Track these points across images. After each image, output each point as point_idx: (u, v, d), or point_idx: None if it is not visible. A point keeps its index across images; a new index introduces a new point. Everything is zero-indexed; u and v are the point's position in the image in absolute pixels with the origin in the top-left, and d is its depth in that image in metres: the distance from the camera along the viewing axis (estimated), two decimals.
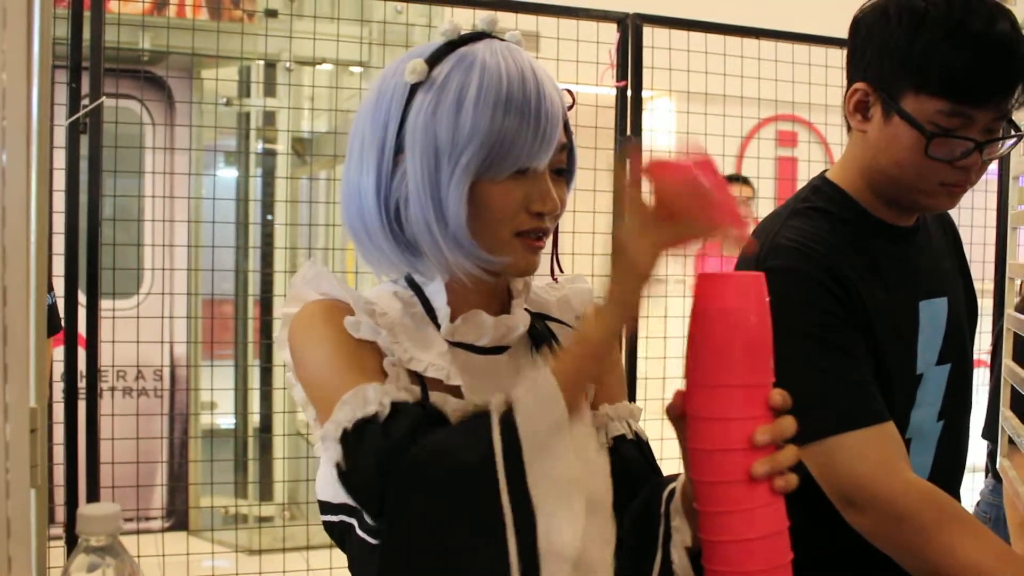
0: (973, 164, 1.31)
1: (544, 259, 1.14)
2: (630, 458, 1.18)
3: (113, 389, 4.49)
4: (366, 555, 1.04)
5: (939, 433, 1.47)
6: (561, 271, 1.23)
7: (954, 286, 1.53)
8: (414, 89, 1.05)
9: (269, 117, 5.04)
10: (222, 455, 4.49)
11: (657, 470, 1.21)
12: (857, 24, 1.41)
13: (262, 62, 4.78)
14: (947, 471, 1.50)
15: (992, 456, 2.32)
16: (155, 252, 3.83)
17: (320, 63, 4.49)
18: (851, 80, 1.40)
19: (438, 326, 1.11)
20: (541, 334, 1.18)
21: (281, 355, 1.11)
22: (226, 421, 4.99)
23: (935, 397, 1.46)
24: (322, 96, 4.70)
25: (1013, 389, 1.89)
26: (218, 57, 4.13)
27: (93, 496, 2.62)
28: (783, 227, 1.41)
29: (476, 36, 1.09)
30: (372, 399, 0.97)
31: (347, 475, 0.96)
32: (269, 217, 4.90)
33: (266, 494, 4.79)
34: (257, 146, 5.11)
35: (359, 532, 1.06)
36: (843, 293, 1.32)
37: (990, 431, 2.24)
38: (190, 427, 4.84)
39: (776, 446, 0.93)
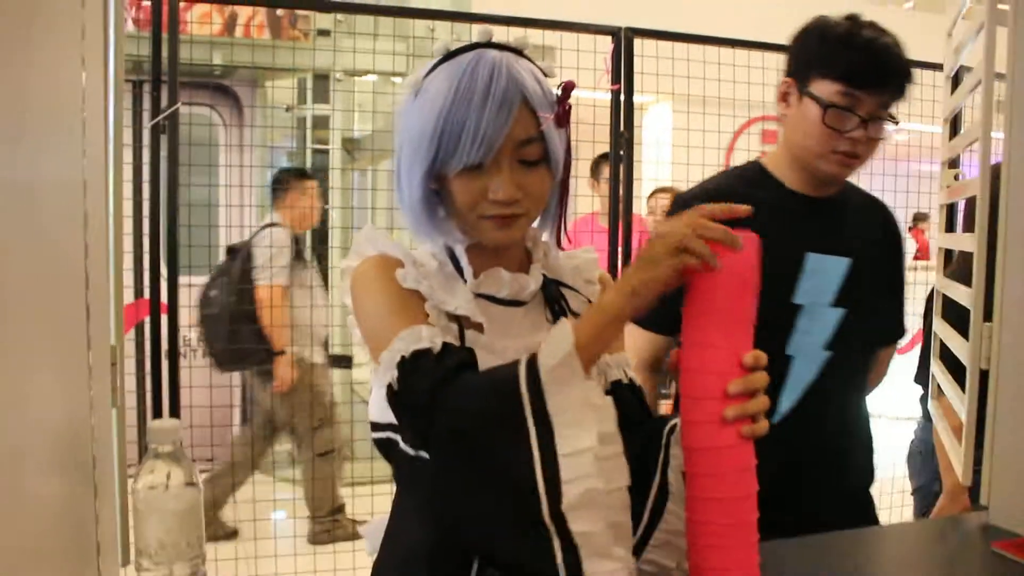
0: (860, 138, 1.53)
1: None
2: (626, 401, 1.21)
3: (193, 351, 4.56)
4: (407, 463, 1.08)
5: (825, 358, 1.60)
6: (569, 241, 1.23)
7: (869, 258, 1.65)
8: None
9: (322, 120, 5.08)
10: None
11: (649, 412, 1.24)
12: (792, 43, 1.64)
13: (315, 74, 4.84)
14: (834, 390, 1.63)
15: (923, 399, 2.35)
16: (229, 232, 3.92)
17: (365, 74, 4.54)
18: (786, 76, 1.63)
19: (466, 281, 1.15)
20: (553, 295, 1.21)
21: (344, 300, 1.14)
22: None
23: (822, 329, 1.60)
24: (367, 102, 4.76)
25: (942, 343, 1.93)
26: (277, 69, 4.18)
27: None
28: (706, 181, 1.72)
29: (468, 48, 1.09)
30: (426, 336, 1.02)
31: (400, 395, 1.00)
32: (326, 207, 4.96)
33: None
34: (312, 144, 5.17)
35: (402, 445, 1.09)
36: None
37: (922, 376, 2.27)
38: None
39: (749, 396, 0.96)
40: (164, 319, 2.72)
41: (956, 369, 1.72)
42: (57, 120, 0.88)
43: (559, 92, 1.10)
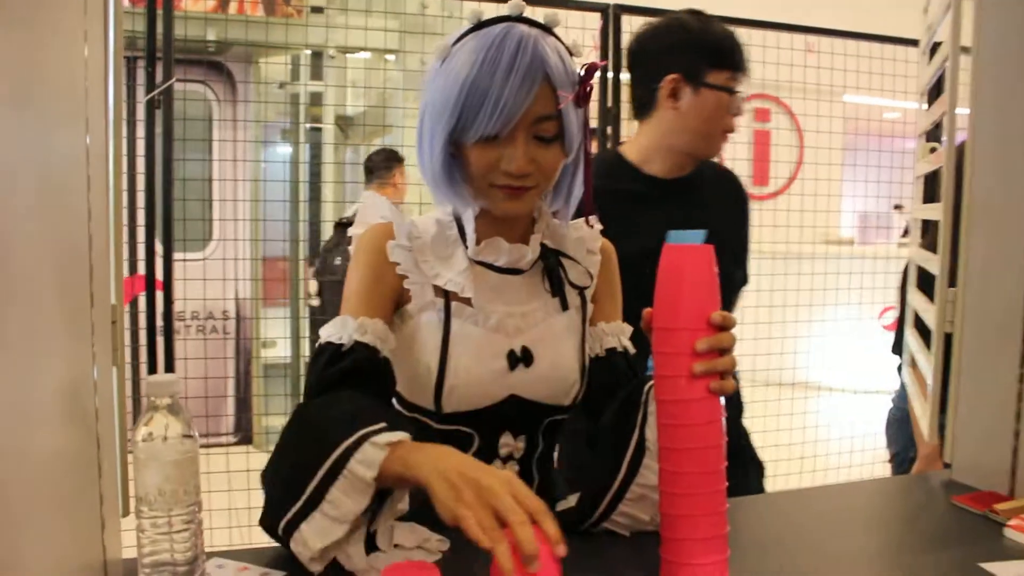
0: (740, 114, 1.76)
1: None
2: (619, 366, 1.29)
3: (188, 327, 4.61)
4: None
5: None
6: (594, 214, 1.28)
7: (723, 226, 1.80)
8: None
9: (316, 97, 5.11)
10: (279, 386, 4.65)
11: (638, 374, 1.30)
12: (644, 48, 1.79)
13: (309, 51, 4.85)
14: None
15: (900, 369, 2.41)
16: (223, 206, 3.95)
17: (358, 51, 4.57)
18: (654, 79, 1.74)
19: (467, 247, 1.21)
20: (551, 264, 1.25)
21: None
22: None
23: None
24: (360, 79, 4.77)
25: (916, 311, 1.99)
26: (271, 46, 4.20)
27: None
28: None
29: (499, 20, 1.11)
30: (347, 329, 1.13)
31: (306, 376, 1.16)
32: (316, 182, 5.02)
33: None
34: (306, 121, 5.21)
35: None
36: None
37: (897, 347, 2.33)
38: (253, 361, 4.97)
39: (718, 353, 1.00)
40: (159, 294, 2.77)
41: (928, 336, 1.78)
42: (63, 91, 0.93)
43: (583, 72, 1.14)
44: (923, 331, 1.87)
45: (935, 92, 2.21)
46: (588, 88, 1.13)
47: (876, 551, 1.25)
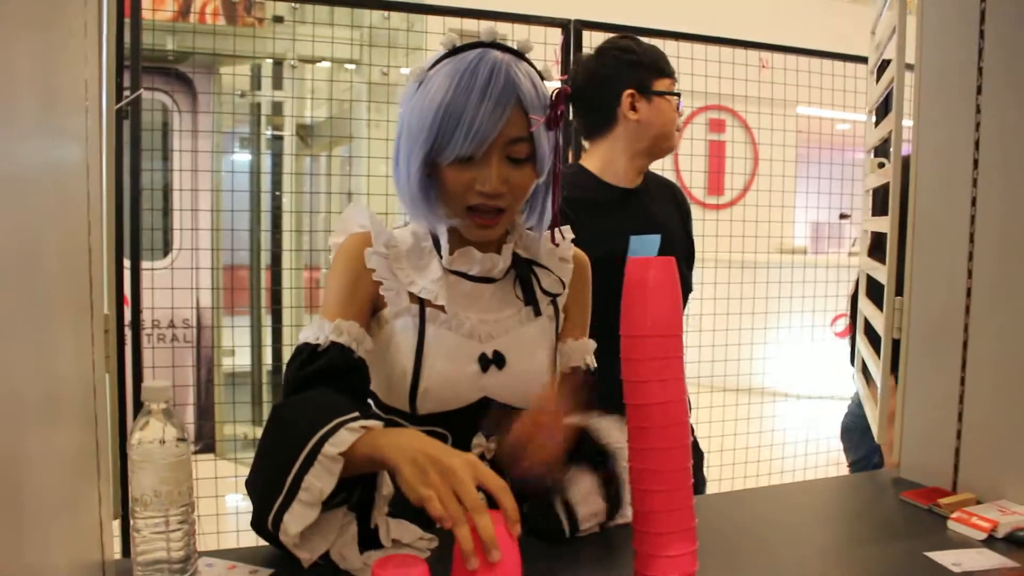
0: (682, 113, 2.02)
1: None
2: (584, 384, 1.33)
3: (151, 336, 4.57)
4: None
5: None
6: (563, 236, 1.34)
7: (672, 232, 2.03)
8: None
9: (277, 107, 5.10)
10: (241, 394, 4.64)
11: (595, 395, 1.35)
12: (595, 75, 1.98)
13: (271, 60, 4.85)
14: None
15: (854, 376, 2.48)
16: (183, 216, 3.95)
17: (319, 61, 4.57)
18: (612, 99, 1.95)
19: (441, 257, 1.26)
20: (523, 273, 1.30)
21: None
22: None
23: None
24: (321, 89, 4.78)
25: (866, 319, 2.09)
26: (233, 56, 4.20)
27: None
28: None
29: (473, 45, 1.16)
30: (324, 330, 1.18)
31: (283, 375, 1.20)
32: (277, 193, 5.01)
33: None
34: (267, 130, 5.21)
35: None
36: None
37: (853, 357, 2.41)
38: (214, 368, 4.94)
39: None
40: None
41: (878, 342, 1.87)
42: (68, 107, 0.98)
43: (553, 96, 1.19)
44: (873, 336, 1.96)
45: (883, 109, 2.33)
46: (559, 112, 1.18)
47: (830, 544, 1.33)
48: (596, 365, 1.39)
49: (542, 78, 1.21)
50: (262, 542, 1.11)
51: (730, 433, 3.70)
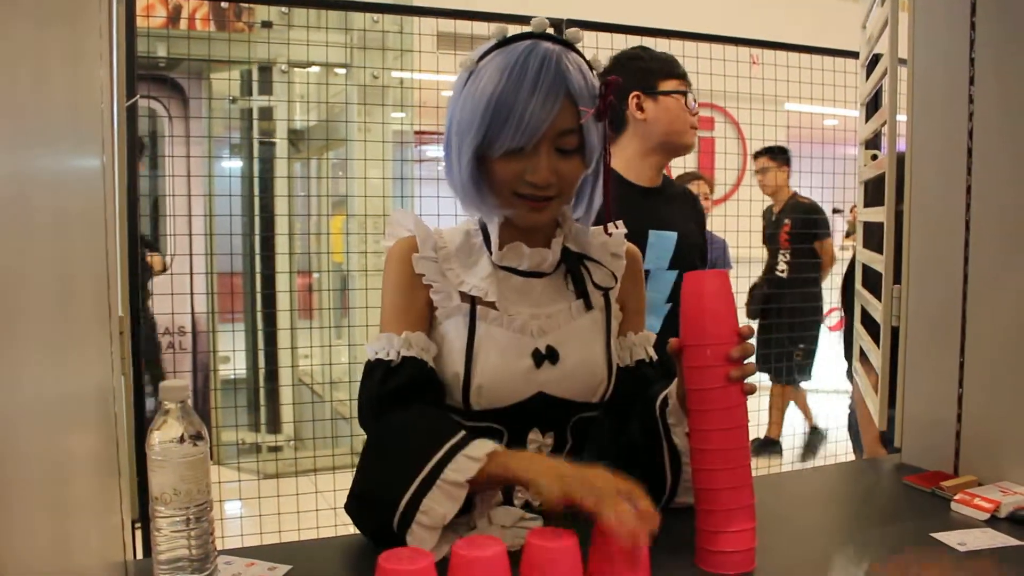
0: (695, 112, 2.12)
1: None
2: (648, 376, 1.36)
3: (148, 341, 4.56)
4: None
5: (667, 310, 2.06)
6: (616, 227, 1.35)
7: (687, 232, 2.13)
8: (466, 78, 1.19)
9: (267, 111, 5.12)
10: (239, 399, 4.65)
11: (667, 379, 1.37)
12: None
13: (259, 65, 4.88)
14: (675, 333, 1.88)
15: (849, 372, 2.50)
16: (176, 222, 3.95)
17: (309, 65, 4.58)
18: (620, 101, 2.05)
19: (491, 253, 1.27)
20: (573, 268, 1.30)
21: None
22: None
23: (664, 287, 2.06)
24: (312, 93, 4.79)
25: (863, 308, 2.12)
26: (223, 61, 4.20)
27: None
28: None
29: (523, 36, 1.16)
30: (394, 346, 1.21)
31: (359, 393, 1.24)
32: (265, 194, 5.01)
33: (273, 430, 4.96)
34: (257, 135, 5.21)
35: None
36: None
37: (848, 351, 2.43)
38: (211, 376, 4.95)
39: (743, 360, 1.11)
40: None
41: (877, 332, 1.90)
42: (89, 108, 0.99)
43: (602, 88, 1.19)
44: (871, 326, 1.99)
45: (874, 103, 2.36)
46: (608, 102, 1.18)
47: (838, 526, 1.36)
48: (656, 357, 1.40)
49: (591, 68, 1.20)
50: (279, 539, 1.12)
51: None
